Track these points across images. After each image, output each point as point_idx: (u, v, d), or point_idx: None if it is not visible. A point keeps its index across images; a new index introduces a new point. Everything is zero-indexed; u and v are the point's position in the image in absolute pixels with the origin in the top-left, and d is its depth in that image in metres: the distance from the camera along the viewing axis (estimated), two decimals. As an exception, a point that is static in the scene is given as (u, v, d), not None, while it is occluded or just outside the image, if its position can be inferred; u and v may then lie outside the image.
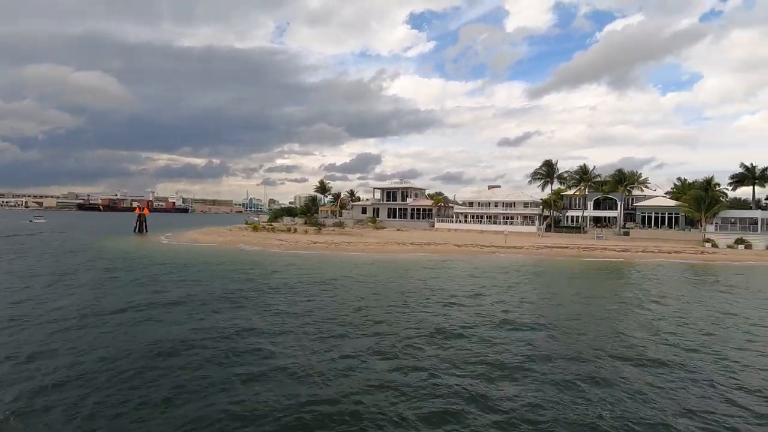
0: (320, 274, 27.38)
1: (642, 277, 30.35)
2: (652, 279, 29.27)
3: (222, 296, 19.80)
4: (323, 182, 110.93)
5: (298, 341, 13.48)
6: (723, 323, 17.28)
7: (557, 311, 18.63)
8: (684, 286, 27.01)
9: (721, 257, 42.46)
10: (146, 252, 37.54)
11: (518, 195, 76.30)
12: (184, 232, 64.07)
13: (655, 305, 20.52)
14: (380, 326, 15.44)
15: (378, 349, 12.84)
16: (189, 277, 24.92)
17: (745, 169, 67.63)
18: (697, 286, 27.49)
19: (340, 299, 19.94)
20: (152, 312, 16.66)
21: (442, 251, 42.26)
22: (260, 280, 24.44)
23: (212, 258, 33.75)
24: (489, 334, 14.77)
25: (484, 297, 21.15)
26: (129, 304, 17.62)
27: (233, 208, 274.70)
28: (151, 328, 14.48)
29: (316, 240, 46.83)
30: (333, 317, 16.52)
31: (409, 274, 28.52)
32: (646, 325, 16.56)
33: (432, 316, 17.14)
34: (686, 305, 20.82)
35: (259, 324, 15.34)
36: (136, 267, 28.59)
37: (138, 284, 22.38)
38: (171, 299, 18.92)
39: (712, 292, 24.92)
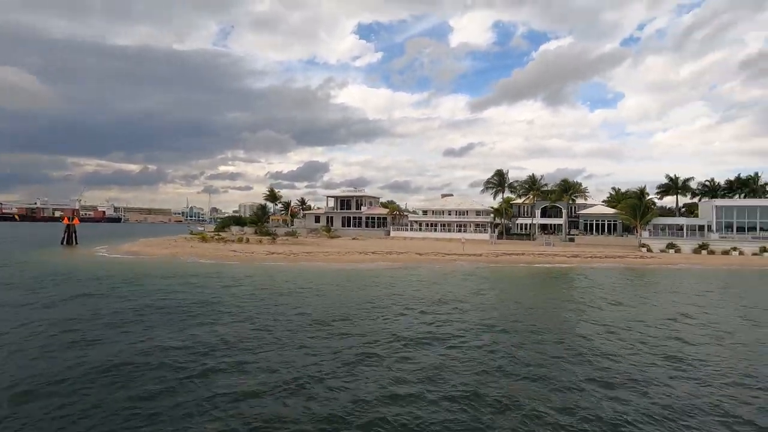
0: (285, 286, 25.93)
1: (595, 281, 31.88)
2: (605, 283, 30.87)
3: (184, 312, 17.96)
4: (273, 190, 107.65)
5: (281, 357, 12.36)
6: (680, 321, 18.42)
7: (522, 314, 18.88)
8: (631, 289, 28.73)
9: (657, 261, 46.01)
10: (82, 267, 33.68)
11: (470, 203, 78.44)
12: (121, 243, 58.88)
13: (614, 306, 21.60)
14: (355, 337, 14.77)
15: (362, 355, 12.09)
16: (136, 292, 22.50)
17: (669, 180, 74.47)
18: (645, 287, 29.37)
19: (317, 310, 18.85)
20: (91, 333, 14.65)
21: (405, 260, 42.03)
22: (223, 294, 22.62)
23: (163, 272, 30.93)
24: (466, 339, 14.54)
25: (461, 303, 21.05)
26: (64, 329, 15.38)
27: (172, 217, 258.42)
28: (99, 349, 12.64)
29: (272, 250, 44.77)
30: (310, 330, 15.49)
31: (377, 282, 27.84)
32: (611, 326, 17.15)
33: (402, 324, 16.65)
34: (642, 306, 22.02)
35: (231, 341, 14.00)
36: (71, 283, 25.44)
37: (77, 303, 19.79)
38: (111, 317, 16.91)
39: (662, 293, 26.70)
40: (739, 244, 52.54)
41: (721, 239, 54.27)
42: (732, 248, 52.28)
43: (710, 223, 59.77)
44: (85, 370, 11.32)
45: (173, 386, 10.44)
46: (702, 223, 60.95)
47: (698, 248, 53.54)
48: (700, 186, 74.46)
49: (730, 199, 66.41)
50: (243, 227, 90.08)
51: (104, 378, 10.86)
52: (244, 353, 13.07)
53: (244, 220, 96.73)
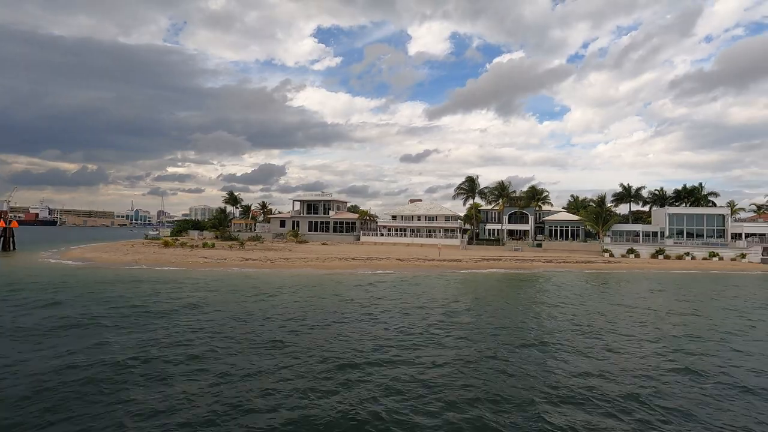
0: (278, 298, 24.22)
1: (582, 286, 32.69)
2: (591, 287, 31.73)
3: (172, 345, 16.02)
4: (233, 193, 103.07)
5: (299, 391, 11.09)
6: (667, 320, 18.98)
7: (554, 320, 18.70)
8: (615, 290, 29.70)
9: (624, 266, 48.33)
10: (30, 275, 29.83)
11: (440, 209, 78.97)
12: (67, 248, 53.56)
13: (626, 308, 22.00)
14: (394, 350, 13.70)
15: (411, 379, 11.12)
16: (105, 302, 20.01)
17: (623, 189, 79.07)
18: (621, 289, 30.49)
19: (328, 329, 17.54)
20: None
21: (388, 266, 41.12)
22: (207, 307, 20.62)
23: (131, 282, 28.03)
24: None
25: (484, 311, 20.54)
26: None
27: (115, 220, 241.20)
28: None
29: (245, 257, 42.25)
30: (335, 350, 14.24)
31: (381, 294, 26.76)
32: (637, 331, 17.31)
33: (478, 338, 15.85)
34: (647, 305, 22.64)
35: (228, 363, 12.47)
36: (23, 295, 22.25)
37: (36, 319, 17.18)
38: (61, 325, 14.75)
39: (648, 293, 27.75)
40: (691, 250, 56.44)
41: (675, 245, 58.07)
42: (685, 253, 56.07)
43: (663, 229, 63.86)
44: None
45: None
46: (656, 230, 64.99)
47: (655, 253, 56.99)
48: (650, 195, 79.66)
49: (678, 207, 71.38)
50: (202, 231, 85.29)
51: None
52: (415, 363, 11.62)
53: (203, 225, 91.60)
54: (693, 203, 73.40)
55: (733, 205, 69.14)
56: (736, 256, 53.64)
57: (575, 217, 69.21)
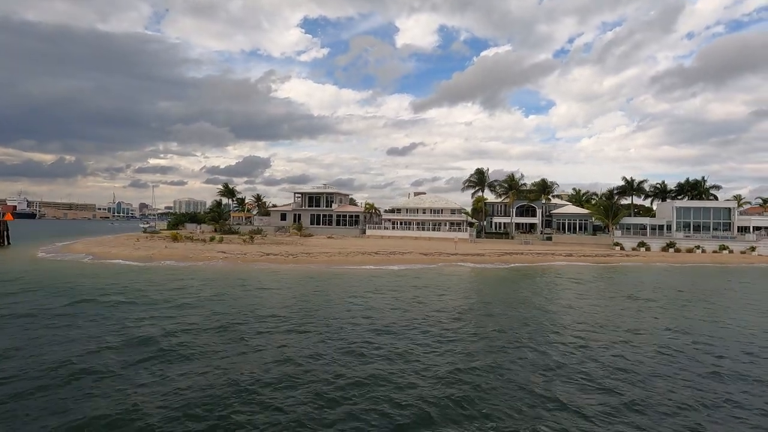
0: (362, 300, 22.85)
1: (634, 280, 32.23)
2: (641, 281, 31.27)
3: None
4: (228, 185, 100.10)
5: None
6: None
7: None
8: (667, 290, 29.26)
9: (642, 259, 48.31)
10: (38, 273, 27.62)
11: (445, 202, 78.03)
12: (66, 243, 50.77)
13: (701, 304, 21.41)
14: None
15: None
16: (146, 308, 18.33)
17: (626, 182, 79.43)
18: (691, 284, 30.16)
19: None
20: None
21: (414, 260, 39.97)
22: (321, 311, 19.16)
23: (183, 281, 26.20)
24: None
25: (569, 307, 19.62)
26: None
27: (97, 213, 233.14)
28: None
29: (266, 251, 40.47)
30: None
31: (437, 286, 25.62)
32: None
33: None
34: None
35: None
36: (88, 310, 20.34)
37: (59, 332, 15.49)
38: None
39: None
40: (701, 242, 56.93)
41: (686, 238, 58.50)
42: (695, 246, 56.52)
43: (669, 222, 64.37)
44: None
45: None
46: (662, 223, 65.50)
47: (666, 247, 57.27)
48: (651, 188, 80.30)
49: (686, 201, 72.03)
50: (200, 225, 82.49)
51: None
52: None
53: (199, 218, 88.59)
54: (695, 196, 74.20)
55: (739, 198, 70.19)
56: (746, 249, 54.31)
57: (583, 210, 69.23)
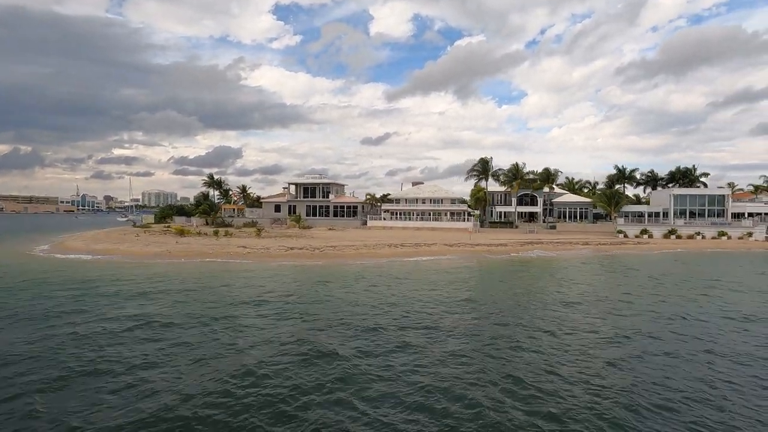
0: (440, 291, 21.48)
1: (692, 265, 32.39)
2: (700, 268, 31.45)
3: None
4: (213, 176, 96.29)
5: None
6: None
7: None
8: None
9: (654, 246, 49.30)
10: (43, 273, 24.81)
11: (445, 192, 77.37)
12: (56, 240, 46.80)
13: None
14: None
15: None
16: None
17: (618, 170, 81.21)
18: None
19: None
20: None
21: (442, 251, 39.03)
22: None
23: (248, 279, 24.03)
24: None
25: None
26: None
27: (60, 206, 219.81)
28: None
29: (290, 246, 38.40)
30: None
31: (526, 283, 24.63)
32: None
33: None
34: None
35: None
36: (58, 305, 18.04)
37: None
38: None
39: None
40: (701, 229, 58.69)
41: (686, 225, 60.17)
42: (696, 233, 58.23)
43: (666, 209, 66.04)
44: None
45: None
46: (658, 210, 67.16)
47: (668, 234, 58.73)
48: (642, 176, 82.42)
49: (682, 188, 74.10)
50: (190, 218, 78.52)
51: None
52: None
53: (188, 210, 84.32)
54: (685, 184, 76.64)
55: (733, 186, 72.84)
56: (743, 234, 56.40)
57: (584, 198, 70.16)
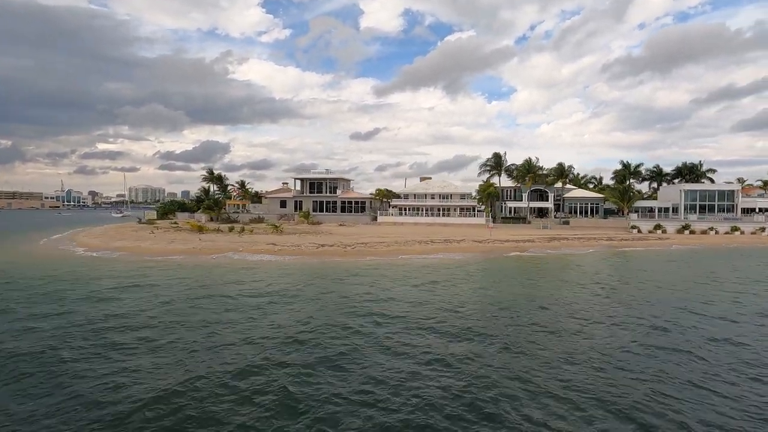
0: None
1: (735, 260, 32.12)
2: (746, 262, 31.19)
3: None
4: (213, 170, 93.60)
5: None
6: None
7: None
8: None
9: (674, 241, 49.29)
10: (93, 276, 23.24)
11: (454, 187, 76.60)
12: (57, 237, 44.73)
13: None
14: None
15: None
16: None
17: (623, 166, 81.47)
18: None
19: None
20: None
21: (472, 249, 38.19)
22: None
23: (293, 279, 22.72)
24: None
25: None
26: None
27: (45, 202, 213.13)
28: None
29: (320, 242, 37.09)
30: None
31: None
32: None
33: None
34: None
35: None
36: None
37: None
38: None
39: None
40: (714, 225, 59.07)
41: (699, 220, 60.51)
42: (709, 228, 58.59)
43: (675, 205, 66.39)
44: None
45: None
46: (668, 206, 67.54)
47: (681, 229, 58.96)
48: (648, 172, 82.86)
49: (693, 184, 74.49)
50: (193, 214, 76.31)
51: None
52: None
53: (189, 206, 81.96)
54: (692, 179, 77.18)
55: (742, 181, 73.60)
56: (756, 229, 56.93)
57: (595, 194, 70.15)
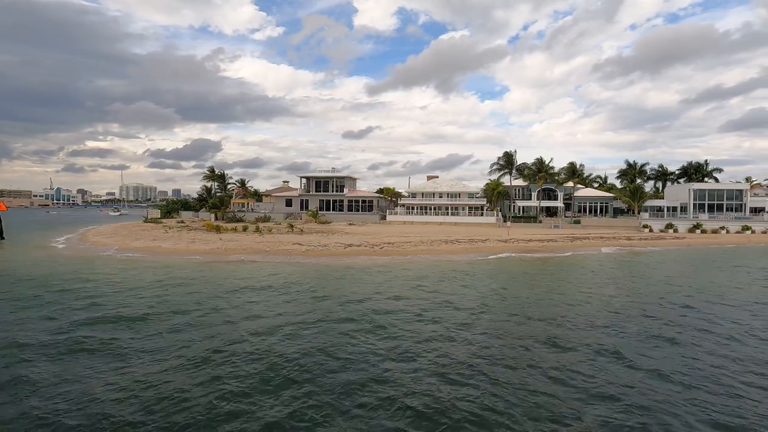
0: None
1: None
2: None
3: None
4: (214, 169, 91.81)
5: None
6: None
7: None
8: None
9: (693, 241, 49.27)
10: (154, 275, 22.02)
11: (462, 186, 76.04)
12: (66, 237, 43.18)
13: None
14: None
15: None
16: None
17: (628, 165, 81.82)
18: None
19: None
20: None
21: (500, 248, 37.55)
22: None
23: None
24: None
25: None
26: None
27: (34, 200, 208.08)
28: None
29: (347, 243, 36.11)
30: None
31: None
32: None
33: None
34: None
35: None
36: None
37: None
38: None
39: None
40: (725, 224, 59.34)
41: (710, 219, 60.74)
42: (720, 227, 58.84)
43: (683, 204, 66.63)
44: None
45: None
46: (676, 205, 67.79)
47: (693, 228, 59.13)
48: (653, 171, 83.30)
49: (702, 183, 74.92)
50: (198, 213, 74.73)
51: None
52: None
53: (193, 205, 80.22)
54: (697, 178, 77.61)
55: (750, 180, 74.16)
56: (767, 229, 57.34)
57: (604, 193, 70.13)
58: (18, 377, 9.72)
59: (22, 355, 11.12)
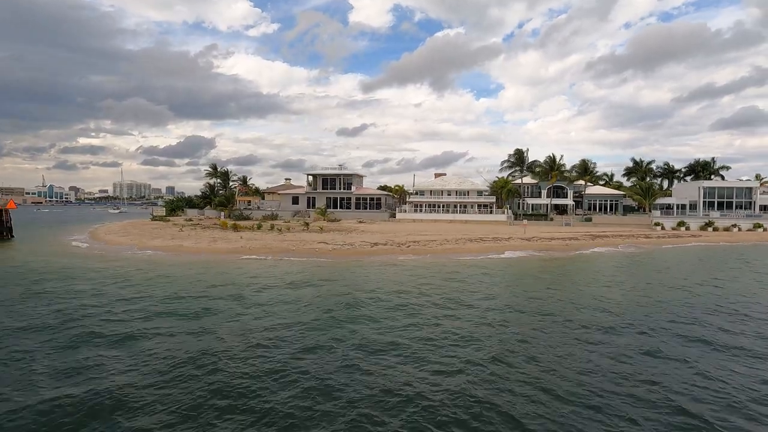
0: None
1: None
2: None
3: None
4: (217, 166, 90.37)
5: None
6: None
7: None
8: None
9: (707, 239, 49.23)
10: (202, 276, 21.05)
11: (471, 184, 75.50)
12: (73, 237, 41.97)
13: None
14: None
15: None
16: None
17: (634, 162, 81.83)
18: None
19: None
20: None
21: (524, 246, 37.02)
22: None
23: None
24: None
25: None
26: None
27: (26, 197, 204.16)
28: None
29: (372, 241, 35.29)
30: None
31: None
32: None
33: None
34: None
35: None
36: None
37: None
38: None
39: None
40: (737, 221, 59.42)
41: (722, 217, 60.81)
42: (732, 225, 58.91)
43: (693, 201, 66.63)
44: None
45: None
46: (684, 203, 67.81)
47: (704, 226, 59.12)
48: (659, 169, 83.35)
49: (711, 180, 75.04)
50: (203, 210, 73.41)
51: None
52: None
53: (197, 202, 78.75)
54: (705, 176, 77.70)
55: (760, 178, 74.44)
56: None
57: (614, 191, 70.04)
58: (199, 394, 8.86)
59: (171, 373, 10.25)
